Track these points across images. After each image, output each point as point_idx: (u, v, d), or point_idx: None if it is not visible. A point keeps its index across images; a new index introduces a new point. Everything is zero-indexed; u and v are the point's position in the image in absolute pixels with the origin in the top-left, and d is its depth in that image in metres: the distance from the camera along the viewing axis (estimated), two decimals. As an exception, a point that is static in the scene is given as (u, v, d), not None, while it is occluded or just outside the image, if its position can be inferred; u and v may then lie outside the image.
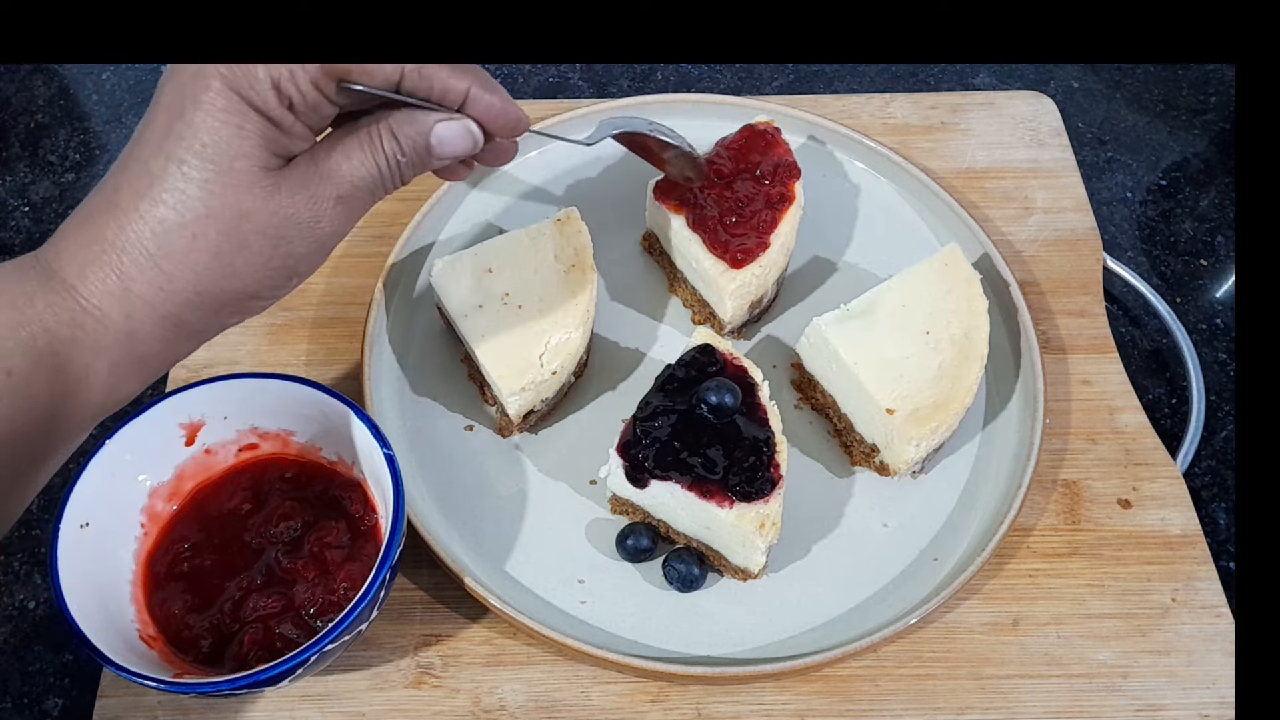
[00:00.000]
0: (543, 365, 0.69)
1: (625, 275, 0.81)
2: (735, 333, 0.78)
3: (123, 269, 0.44)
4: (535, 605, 0.65)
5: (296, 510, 0.63)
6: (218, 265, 0.45)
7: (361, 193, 0.48)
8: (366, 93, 0.46)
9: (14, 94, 0.95)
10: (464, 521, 0.69)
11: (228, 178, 0.43)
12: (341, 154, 0.47)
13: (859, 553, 0.69)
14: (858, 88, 0.95)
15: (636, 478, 0.64)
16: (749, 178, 0.74)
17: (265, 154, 0.44)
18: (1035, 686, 0.64)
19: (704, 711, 0.63)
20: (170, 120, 0.44)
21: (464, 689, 0.64)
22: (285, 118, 0.44)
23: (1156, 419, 0.76)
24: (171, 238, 0.44)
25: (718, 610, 0.67)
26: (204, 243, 0.44)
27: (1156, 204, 0.89)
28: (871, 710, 0.63)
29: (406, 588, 0.67)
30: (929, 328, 0.70)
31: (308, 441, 0.65)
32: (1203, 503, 0.73)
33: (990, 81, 0.97)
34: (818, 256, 0.81)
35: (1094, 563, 0.68)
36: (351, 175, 0.47)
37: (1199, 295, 0.85)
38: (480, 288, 0.71)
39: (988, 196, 0.85)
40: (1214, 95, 0.96)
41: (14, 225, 0.86)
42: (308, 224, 0.46)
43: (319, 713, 0.63)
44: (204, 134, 0.43)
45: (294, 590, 0.60)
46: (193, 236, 0.44)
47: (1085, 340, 0.78)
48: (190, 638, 0.58)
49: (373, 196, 0.49)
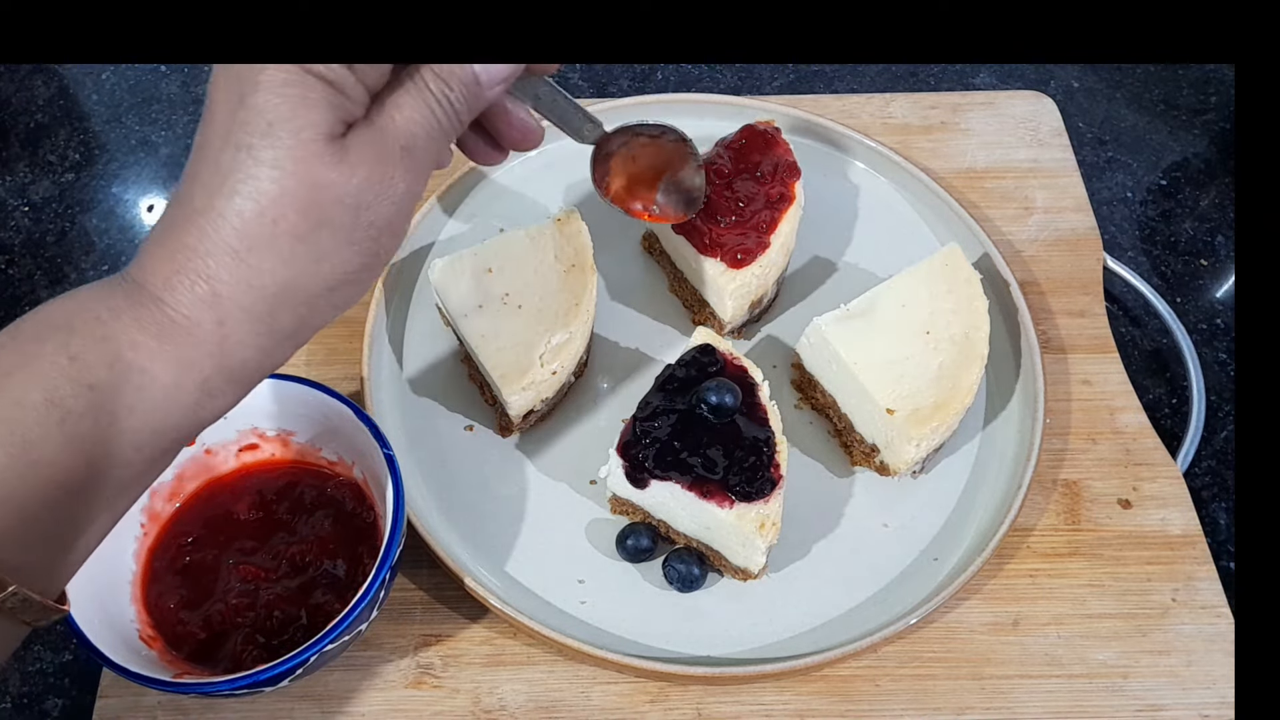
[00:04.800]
0: (543, 365, 0.69)
1: (625, 275, 0.81)
2: (735, 333, 0.78)
3: (209, 273, 0.42)
4: (535, 605, 0.65)
5: (296, 510, 0.63)
6: (303, 249, 0.43)
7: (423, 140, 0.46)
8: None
9: (14, 94, 0.95)
10: (464, 521, 0.69)
11: (297, 152, 0.42)
12: (393, 106, 0.45)
13: (859, 553, 0.69)
14: (858, 88, 0.95)
15: (636, 478, 0.64)
16: (749, 178, 0.74)
17: (330, 120, 0.43)
18: (1035, 687, 0.64)
19: (704, 711, 0.63)
20: (231, 111, 0.43)
21: (464, 689, 0.64)
22: (345, 78, 0.43)
23: (1156, 419, 0.76)
24: (252, 229, 0.42)
25: (718, 610, 0.67)
26: (285, 225, 0.42)
27: (1156, 204, 0.89)
28: (871, 710, 0.63)
29: (406, 588, 0.67)
30: (929, 328, 0.70)
31: (308, 441, 0.65)
32: (1203, 503, 0.73)
33: (990, 81, 0.97)
34: (818, 256, 0.81)
35: (1094, 563, 0.68)
36: (407, 123, 0.45)
37: (1199, 295, 0.85)
38: (480, 288, 0.71)
39: (988, 196, 0.85)
40: (1214, 95, 0.96)
41: (14, 225, 0.86)
42: (382, 183, 0.44)
43: (319, 713, 0.63)
44: (268, 113, 0.42)
45: (292, 589, 0.60)
46: (273, 222, 0.42)
47: (1085, 340, 0.78)
48: (184, 633, 0.59)
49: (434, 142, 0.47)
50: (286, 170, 0.42)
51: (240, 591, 0.59)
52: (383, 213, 0.45)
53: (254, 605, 0.59)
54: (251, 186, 0.42)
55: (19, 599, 0.40)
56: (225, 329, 0.43)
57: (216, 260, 0.42)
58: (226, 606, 0.59)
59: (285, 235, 0.42)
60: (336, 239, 0.44)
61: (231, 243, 0.42)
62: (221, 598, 0.60)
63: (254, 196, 0.42)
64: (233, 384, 0.44)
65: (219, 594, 0.60)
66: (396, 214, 0.46)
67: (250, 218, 0.42)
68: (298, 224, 0.42)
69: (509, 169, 0.84)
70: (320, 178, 0.42)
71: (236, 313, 0.43)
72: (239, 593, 0.59)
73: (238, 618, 0.59)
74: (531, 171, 0.84)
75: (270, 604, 0.59)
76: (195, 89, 0.96)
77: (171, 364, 0.42)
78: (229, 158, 0.42)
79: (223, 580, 0.60)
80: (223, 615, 0.59)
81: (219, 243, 0.42)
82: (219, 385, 0.44)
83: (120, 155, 0.91)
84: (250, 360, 0.44)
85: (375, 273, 0.47)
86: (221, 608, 0.59)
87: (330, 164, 0.42)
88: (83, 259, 0.85)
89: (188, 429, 0.44)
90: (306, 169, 0.42)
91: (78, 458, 0.40)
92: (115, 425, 0.41)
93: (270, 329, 0.44)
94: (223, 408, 0.45)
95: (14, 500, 0.39)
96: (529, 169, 0.85)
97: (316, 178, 0.42)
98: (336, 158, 0.43)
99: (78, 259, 0.85)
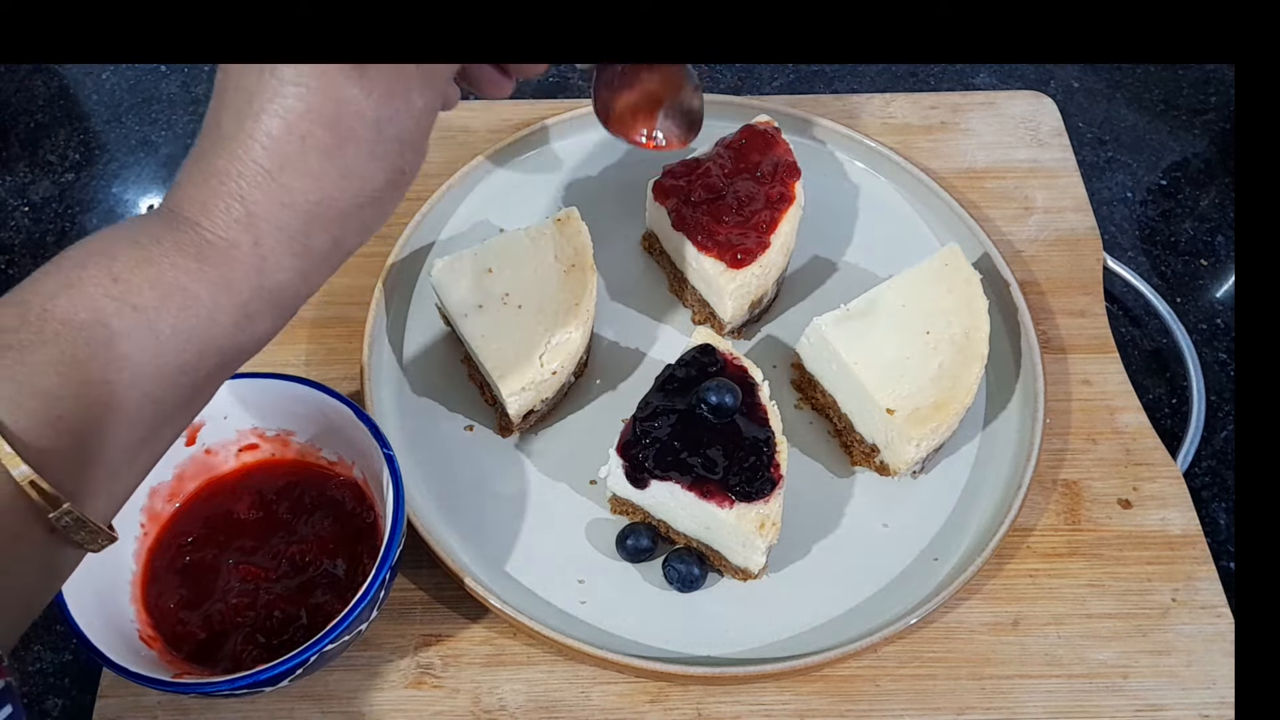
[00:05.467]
0: (543, 365, 0.69)
1: (625, 275, 0.81)
2: (735, 333, 0.78)
3: (243, 193, 0.43)
4: (535, 605, 0.65)
5: (296, 510, 0.63)
6: (331, 165, 0.44)
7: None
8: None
9: (14, 94, 0.95)
10: (464, 521, 0.69)
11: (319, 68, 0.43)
12: None
13: (859, 553, 0.69)
14: (858, 88, 0.95)
15: (636, 478, 0.64)
16: (749, 178, 0.74)
17: None
18: (1035, 686, 0.64)
19: (704, 711, 0.63)
20: None
21: (464, 689, 0.64)
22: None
23: (1156, 419, 0.76)
24: (281, 146, 0.43)
25: (718, 610, 0.67)
26: (314, 141, 0.43)
27: (1156, 204, 0.89)
28: (871, 710, 0.63)
29: (406, 588, 0.67)
30: (929, 328, 0.70)
31: (308, 442, 0.65)
32: (1203, 503, 0.73)
33: (990, 81, 0.97)
34: (818, 256, 0.81)
35: (1094, 563, 0.68)
36: None
37: (1199, 295, 0.85)
38: (480, 288, 0.71)
39: (988, 196, 0.85)
40: (1214, 95, 0.96)
41: (14, 225, 0.86)
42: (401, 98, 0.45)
43: (319, 713, 0.63)
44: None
45: (292, 589, 0.60)
46: (301, 138, 0.43)
47: (1085, 340, 0.78)
48: (184, 633, 0.59)
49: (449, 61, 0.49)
50: (310, 87, 0.43)
51: (240, 591, 0.59)
52: (404, 127, 0.46)
53: (254, 605, 0.59)
54: (278, 105, 0.43)
55: (73, 518, 0.40)
56: (262, 249, 0.44)
57: (249, 181, 0.43)
58: (226, 606, 0.59)
59: (314, 151, 0.43)
60: (361, 153, 0.45)
61: (263, 162, 0.43)
62: (221, 598, 0.60)
63: (281, 114, 0.43)
64: (271, 308, 0.45)
65: (219, 594, 0.60)
66: (416, 129, 0.47)
67: (279, 136, 0.43)
68: (324, 139, 0.44)
69: (509, 169, 0.84)
70: (343, 93, 0.43)
71: (272, 232, 0.44)
72: (239, 593, 0.59)
73: (238, 618, 0.59)
74: (531, 171, 0.84)
75: (270, 604, 0.59)
76: (195, 89, 0.96)
77: (212, 284, 0.43)
78: (253, 80, 0.43)
79: (223, 580, 0.60)
80: (223, 615, 0.59)
81: (250, 163, 0.43)
82: (258, 308, 0.44)
83: (120, 155, 0.91)
84: (287, 283, 0.45)
85: (400, 191, 0.48)
86: (221, 608, 0.59)
87: (351, 79, 0.43)
88: (83, 259, 0.85)
89: (230, 354, 0.45)
90: (330, 84, 0.43)
91: (125, 378, 0.41)
92: (160, 345, 0.42)
93: (305, 248, 0.45)
94: (262, 333, 0.46)
95: (66, 420, 0.39)
96: (529, 169, 0.85)
97: (339, 93, 0.43)
98: (356, 73, 0.44)
99: (78, 259, 0.85)
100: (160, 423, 0.44)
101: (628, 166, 0.84)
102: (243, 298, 0.44)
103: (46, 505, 0.39)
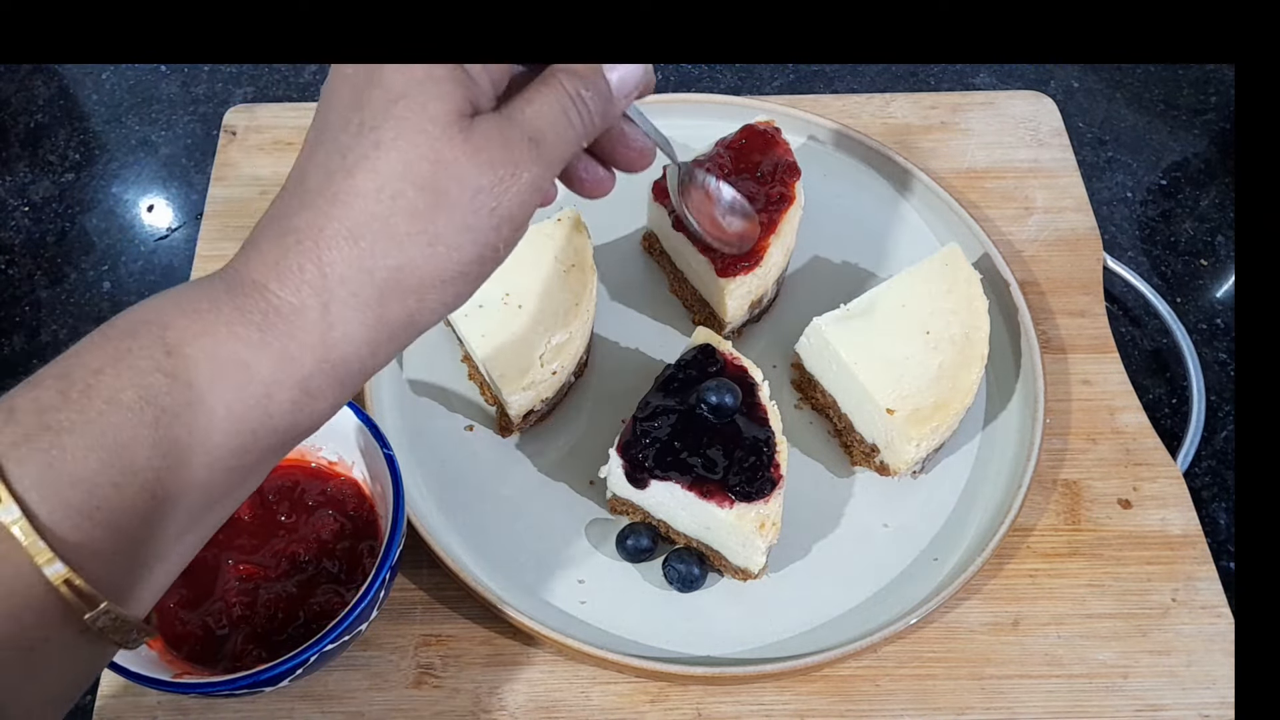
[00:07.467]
0: (543, 365, 0.69)
1: (625, 275, 0.81)
2: (735, 333, 0.78)
3: (319, 255, 0.40)
4: (535, 605, 0.65)
5: (296, 510, 0.63)
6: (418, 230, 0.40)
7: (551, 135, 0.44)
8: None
9: (14, 94, 0.95)
10: (464, 521, 0.69)
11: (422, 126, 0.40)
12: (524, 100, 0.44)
13: (859, 553, 0.69)
14: (858, 88, 0.95)
15: (636, 478, 0.64)
16: (749, 178, 0.74)
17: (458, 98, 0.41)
18: (1035, 686, 0.64)
19: (704, 711, 0.63)
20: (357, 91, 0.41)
21: (464, 689, 0.64)
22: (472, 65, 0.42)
23: (1156, 419, 0.76)
24: (369, 206, 0.40)
25: (718, 610, 0.67)
26: (403, 203, 0.40)
27: (1156, 204, 0.89)
28: (871, 710, 0.63)
29: (406, 588, 0.67)
30: (929, 328, 0.70)
31: (308, 441, 0.65)
32: (1203, 503, 0.73)
33: (990, 81, 0.97)
34: (818, 256, 0.81)
35: (1094, 563, 0.68)
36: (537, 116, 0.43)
37: (1199, 295, 0.85)
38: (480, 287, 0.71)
39: (988, 196, 0.85)
40: (1214, 95, 0.96)
41: (14, 225, 0.86)
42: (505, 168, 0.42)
43: (319, 713, 0.63)
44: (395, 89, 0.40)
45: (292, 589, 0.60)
46: (391, 198, 0.40)
47: (1085, 340, 0.78)
48: (184, 633, 0.58)
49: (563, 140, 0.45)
50: (409, 144, 0.40)
51: (240, 591, 0.59)
52: (504, 202, 0.42)
53: (254, 605, 0.59)
54: (371, 163, 0.40)
55: (110, 618, 0.37)
56: (331, 316, 0.40)
57: (327, 241, 0.40)
58: (226, 606, 0.59)
59: (402, 213, 0.40)
60: (453, 222, 0.41)
61: (345, 223, 0.40)
62: (221, 597, 0.59)
63: (373, 172, 0.40)
64: (333, 384, 0.41)
65: (219, 593, 0.60)
66: (518, 206, 0.43)
67: (368, 194, 0.40)
68: (415, 200, 0.40)
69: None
70: (443, 154, 0.40)
71: (345, 298, 0.40)
72: (239, 592, 0.59)
73: (238, 617, 0.59)
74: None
75: (270, 604, 0.59)
76: (195, 89, 0.96)
77: (273, 357, 0.39)
78: (350, 137, 0.40)
79: (222, 580, 0.60)
80: (222, 615, 0.59)
81: (332, 223, 0.40)
82: (320, 384, 0.41)
83: (120, 155, 0.92)
84: (353, 356, 0.41)
85: (488, 269, 0.44)
86: (221, 607, 0.59)
87: (454, 142, 0.40)
88: (83, 259, 0.85)
89: (283, 434, 0.41)
90: (429, 144, 0.40)
91: (171, 463, 0.38)
92: (211, 427, 0.38)
93: (378, 320, 0.41)
94: (322, 412, 0.42)
95: (105, 509, 0.36)
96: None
97: (439, 154, 0.40)
98: (461, 136, 0.41)
99: (78, 259, 0.85)
100: (207, 511, 0.40)
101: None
102: (305, 372, 0.40)
103: (82, 605, 0.36)
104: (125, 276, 0.84)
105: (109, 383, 0.37)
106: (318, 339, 0.40)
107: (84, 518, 0.36)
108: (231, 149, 0.86)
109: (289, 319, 0.40)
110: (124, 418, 0.37)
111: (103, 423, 0.36)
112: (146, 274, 0.84)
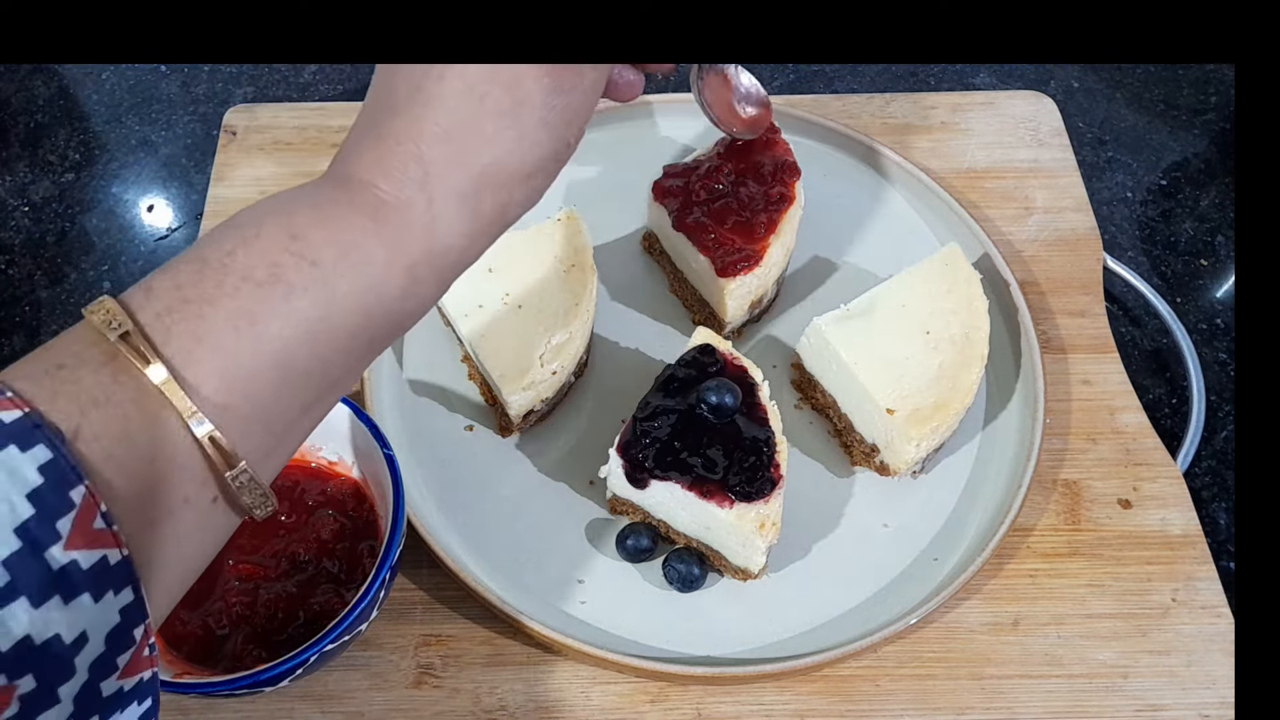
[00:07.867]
0: (543, 365, 0.69)
1: (625, 275, 0.81)
2: (735, 333, 0.78)
3: (419, 153, 0.43)
4: (535, 605, 0.65)
5: (296, 510, 0.63)
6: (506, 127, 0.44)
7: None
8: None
9: (14, 94, 0.95)
10: (464, 521, 0.69)
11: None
12: None
13: (859, 553, 0.69)
14: (858, 88, 0.95)
15: (636, 478, 0.64)
16: (749, 178, 0.74)
17: None
18: (1035, 686, 0.64)
19: (704, 711, 0.63)
20: None
21: (464, 689, 0.64)
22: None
23: (1156, 419, 0.76)
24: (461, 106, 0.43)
25: (718, 610, 0.67)
26: (491, 102, 0.44)
27: (1156, 204, 0.89)
28: (871, 710, 0.63)
29: (406, 588, 0.67)
30: (929, 328, 0.70)
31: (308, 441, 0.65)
32: (1203, 503, 0.73)
33: (990, 81, 0.97)
34: (818, 256, 0.81)
35: (1094, 563, 0.68)
36: None
37: (1199, 295, 0.85)
38: (480, 288, 0.71)
39: (988, 196, 0.85)
40: (1214, 95, 0.96)
41: (14, 225, 0.86)
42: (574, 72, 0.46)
43: (319, 713, 0.63)
44: None
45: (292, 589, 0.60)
46: (480, 99, 0.43)
47: (1085, 340, 0.78)
48: (184, 633, 0.58)
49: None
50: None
51: (240, 591, 0.59)
52: (573, 99, 0.46)
53: (254, 605, 0.59)
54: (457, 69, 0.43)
55: (248, 477, 0.39)
56: (434, 209, 0.43)
57: (425, 141, 0.43)
58: (226, 606, 0.59)
59: (490, 112, 0.44)
60: (534, 119, 0.45)
61: (441, 122, 0.43)
62: (221, 597, 0.59)
63: (460, 76, 0.43)
64: (435, 272, 0.45)
65: (218, 593, 0.60)
66: (583, 103, 0.47)
67: (458, 95, 0.43)
68: (501, 99, 0.44)
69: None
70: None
71: (446, 193, 0.43)
72: (238, 592, 0.59)
73: (238, 617, 0.59)
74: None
75: (270, 604, 0.59)
76: (195, 89, 0.96)
77: (386, 244, 0.42)
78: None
79: (222, 580, 0.60)
80: (222, 615, 0.59)
81: (429, 124, 0.43)
82: (424, 272, 0.44)
83: (120, 155, 0.92)
84: (454, 246, 0.44)
85: (560, 164, 0.48)
86: (221, 607, 0.59)
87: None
88: (83, 259, 0.85)
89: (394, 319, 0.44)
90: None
91: (299, 335, 0.40)
92: (334, 304, 0.41)
93: (474, 212, 0.45)
94: (426, 299, 0.45)
95: (242, 377, 0.38)
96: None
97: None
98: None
99: (78, 259, 0.85)
100: (325, 388, 0.43)
101: (628, 167, 0.84)
102: (412, 258, 0.43)
103: (224, 463, 0.38)
104: (125, 277, 0.84)
105: (242, 261, 0.40)
106: (424, 230, 0.43)
107: (224, 382, 0.38)
108: (231, 149, 0.86)
109: (399, 212, 0.43)
110: (257, 293, 0.39)
111: (239, 296, 0.39)
112: (147, 274, 0.84)
